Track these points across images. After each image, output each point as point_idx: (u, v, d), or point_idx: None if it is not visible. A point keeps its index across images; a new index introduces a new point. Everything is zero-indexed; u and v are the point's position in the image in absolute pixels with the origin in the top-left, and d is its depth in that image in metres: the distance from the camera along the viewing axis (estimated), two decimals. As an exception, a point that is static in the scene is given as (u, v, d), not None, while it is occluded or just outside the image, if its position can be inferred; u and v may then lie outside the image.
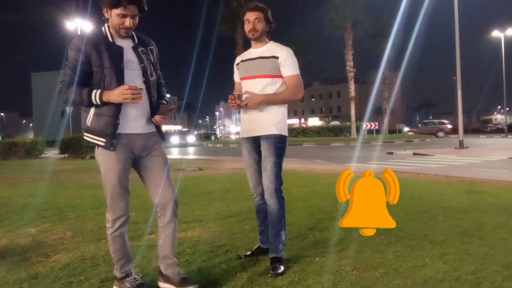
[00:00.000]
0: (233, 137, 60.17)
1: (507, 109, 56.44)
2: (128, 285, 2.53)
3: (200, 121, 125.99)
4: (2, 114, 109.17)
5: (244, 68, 3.18)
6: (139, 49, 2.54)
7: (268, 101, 3.02)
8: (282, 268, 2.88)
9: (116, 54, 2.43)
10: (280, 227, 3.01)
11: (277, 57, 3.05)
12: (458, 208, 4.83)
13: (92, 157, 18.18)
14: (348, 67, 37.79)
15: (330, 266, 2.91)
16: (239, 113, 3.26)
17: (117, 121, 2.42)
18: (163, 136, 2.65)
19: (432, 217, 4.42)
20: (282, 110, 3.12)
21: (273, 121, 3.05)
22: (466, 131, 33.60)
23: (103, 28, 2.48)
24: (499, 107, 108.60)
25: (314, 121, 79.14)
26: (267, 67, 3.05)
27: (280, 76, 3.08)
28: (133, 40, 2.55)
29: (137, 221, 4.37)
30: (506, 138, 33.10)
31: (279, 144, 3.05)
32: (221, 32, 38.59)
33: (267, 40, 3.16)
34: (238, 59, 3.27)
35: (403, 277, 2.69)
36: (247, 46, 3.30)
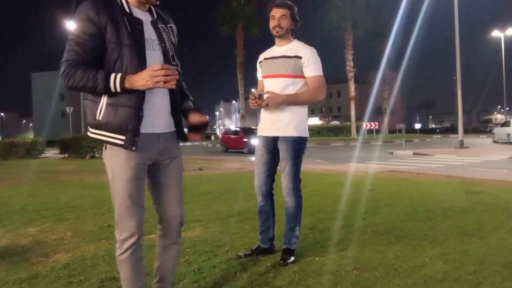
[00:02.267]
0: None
1: (507, 109, 56.45)
2: None
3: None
4: (2, 114, 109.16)
5: (266, 67, 3.16)
6: (159, 25, 2.03)
7: (289, 101, 3.01)
8: (292, 258, 3.00)
9: (136, 28, 1.91)
10: (296, 223, 3.10)
11: (300, 57, 3.03)
12: (458, 208, 4.83)
13: (92, 157, 18.24)
14: (348, 67, 37.86)
15: (330, 266, 2.91)
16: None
17: (141, 113, 1.89)
18: (183, 136, 2.13)
19: (432, 217, 4.42)
20: (303, 110, 3.12)
21: (293, 122, 3.05)
22: (466, 131, 33.64)
23: None
24: (499, 107, 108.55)
25: (314, 121, 79.12)
26: (289, 67, 3.03)
27: (302, 77, 3.06)
28: (151, 14, 2.03)
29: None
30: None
31: (298, 146, 3.07)
32: (221, 32, 38.59)
33: (291, 38, 3.14)
34: (261, 57, 3.25)
35: (403, 277, 2.69)
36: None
